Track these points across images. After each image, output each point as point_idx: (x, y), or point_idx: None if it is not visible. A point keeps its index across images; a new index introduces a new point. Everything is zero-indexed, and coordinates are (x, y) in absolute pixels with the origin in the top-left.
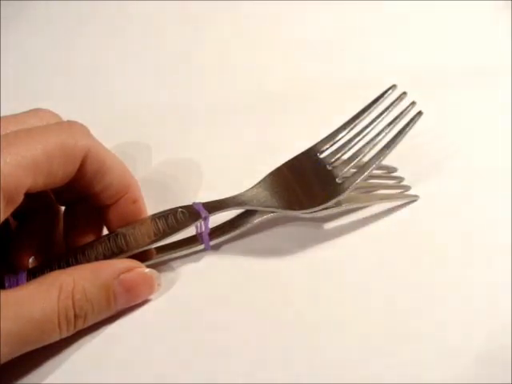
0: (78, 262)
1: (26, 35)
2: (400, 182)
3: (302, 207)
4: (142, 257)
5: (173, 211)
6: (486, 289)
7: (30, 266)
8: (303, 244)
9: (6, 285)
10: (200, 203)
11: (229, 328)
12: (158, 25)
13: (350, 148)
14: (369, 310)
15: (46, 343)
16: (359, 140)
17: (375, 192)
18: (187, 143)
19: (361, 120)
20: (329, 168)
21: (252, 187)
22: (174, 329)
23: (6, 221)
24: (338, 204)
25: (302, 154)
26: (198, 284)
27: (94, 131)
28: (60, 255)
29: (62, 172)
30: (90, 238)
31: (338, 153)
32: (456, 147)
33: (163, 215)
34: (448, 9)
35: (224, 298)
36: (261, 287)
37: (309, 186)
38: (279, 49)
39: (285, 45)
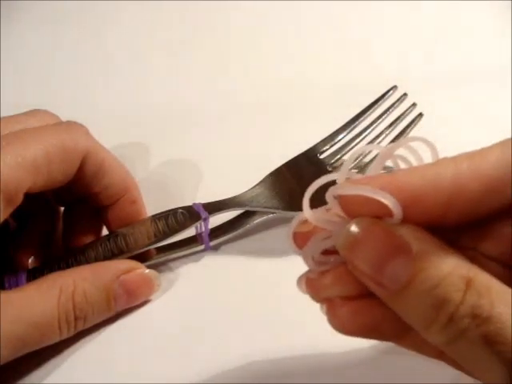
0: (77, 263)
1: (26, 35)
2: None
3: (301, 208)
4: (142, 257)
5: (173, 212)
6: None
7: (30, 267)
8: None
9: (6, 285)
10: (200, 204)
11: (229, 328)
12: (159, 25)
13: (350, 149)
14: None
15: (46, 345)
16: (359, 141)
17: None
18: (187, 143)
19: (361, 121)
20: (329, 169)
21: (252, 188)
22: (174, 329)
23: (6, 221)
24: None
25: (302, 154)
26: (197, 284)
27: (93, 131)
28: (60, 256)
29: (61, 172)
30: (89, 239)
31: (338, 154)
32: (456, 148)
33: (163, 216)
34: (448, 10)
35: (224, 298)
36: (261, 287)
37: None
38: (280, 50)
39: (285, 45)
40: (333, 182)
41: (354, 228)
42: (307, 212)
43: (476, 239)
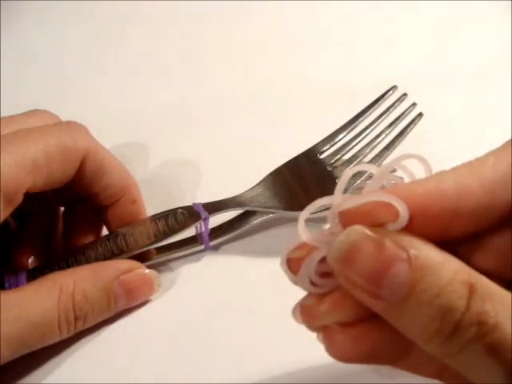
0: (77, 263)
1: (26, 35)
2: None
3: (301, 208)
4: (142, 257)
5: (173, 212)
6: None
7: (30, 267)
8: None
9: (6, 285)
10: (200, 204)
11: (229, 328)
12: (158, 25)
13: (350, 149)
14: None
15: (46, 345)
16: (359, 141)
17: None
18: (187, 143)
19: (361, 121)
20: (329, 169)
21: (252, 188)
22: (174, 329)
23: (6, 221)
24: None
25: (302, 154)
26: (197, 284)
27: (93, 131)
28: (60, 256)
29: (61, 172)
30: (89, 239)
31: (338, 154)
32: (456, 148)
33: (163, 216)
34: (448, 10)
35: (224, 298)
36: (260, 287)
37: (308, 187)
38: (280, 49)
39: (285, 45)
40: (334, 182)
41: (346, 237)
42: (303, 234)
43: (470, 252)
